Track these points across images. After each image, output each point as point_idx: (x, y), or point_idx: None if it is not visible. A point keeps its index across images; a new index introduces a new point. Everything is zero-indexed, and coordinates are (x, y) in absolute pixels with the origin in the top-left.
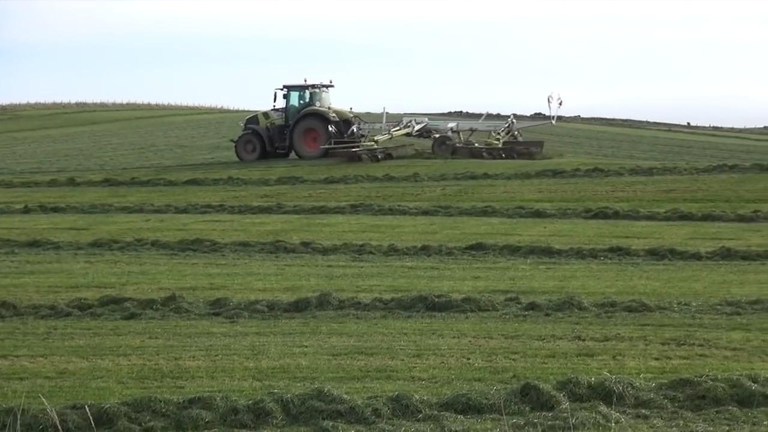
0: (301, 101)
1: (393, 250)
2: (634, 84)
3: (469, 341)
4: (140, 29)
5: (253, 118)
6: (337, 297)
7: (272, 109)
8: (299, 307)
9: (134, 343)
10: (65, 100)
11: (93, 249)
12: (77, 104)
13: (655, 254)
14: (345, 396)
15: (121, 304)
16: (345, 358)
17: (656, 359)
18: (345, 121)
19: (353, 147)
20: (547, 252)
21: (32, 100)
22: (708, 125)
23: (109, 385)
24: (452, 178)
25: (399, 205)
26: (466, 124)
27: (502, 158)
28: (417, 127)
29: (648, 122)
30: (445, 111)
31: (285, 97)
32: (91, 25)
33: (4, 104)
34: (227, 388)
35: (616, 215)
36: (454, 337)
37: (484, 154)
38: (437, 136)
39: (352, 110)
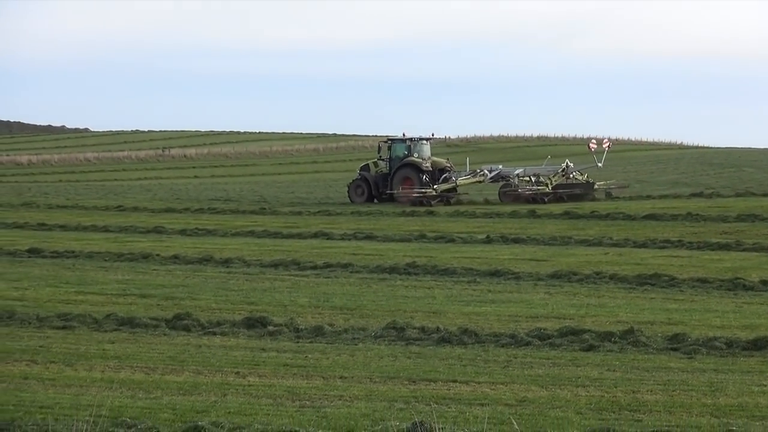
0: (404, 152)
1: None
2: None
3: None
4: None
5: (365, 166)
6: None
7: (379, 158)
8: (758, 345)
9: (592, 375)
10: (527, 134)
11: (552, 280)
12: (539, 137)
13: None
14: None
15: (579, 335)
16: None
17: None
18: (440, 170)
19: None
20: None
21: (495, 133)
22: None
23: (567, 415)
24: None
25: None
26: (531, 170)
27: (544, 202)
28: (490, 175)
29: None
30: None
31: (389, 149)
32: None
33: (468, 136)
34: (684, 424)
35: None
36: None
37: (533, 198)
38: (501, 184)
39: (449, 160)
